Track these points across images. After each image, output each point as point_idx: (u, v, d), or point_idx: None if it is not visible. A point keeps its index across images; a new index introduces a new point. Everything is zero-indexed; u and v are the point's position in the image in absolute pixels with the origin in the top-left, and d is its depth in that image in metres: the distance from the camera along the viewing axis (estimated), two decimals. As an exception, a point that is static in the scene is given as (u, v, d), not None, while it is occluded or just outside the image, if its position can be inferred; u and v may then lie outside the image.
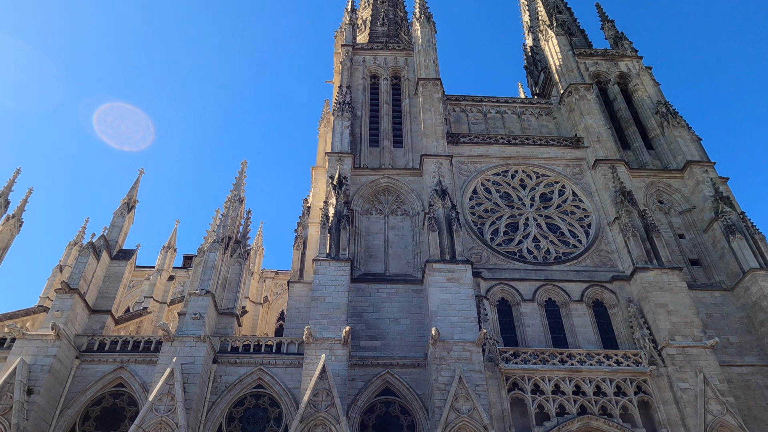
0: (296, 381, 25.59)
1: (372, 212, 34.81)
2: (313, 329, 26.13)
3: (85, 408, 25.12)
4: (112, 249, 31.19)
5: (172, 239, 48.59)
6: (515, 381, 26.12)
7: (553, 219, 35.67)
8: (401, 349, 27.73)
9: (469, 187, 36.73)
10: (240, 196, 33.66)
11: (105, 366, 26.09)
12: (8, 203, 31.89)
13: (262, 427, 25.05)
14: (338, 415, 22.62)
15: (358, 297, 29.48)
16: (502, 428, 24.30)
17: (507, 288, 31.23)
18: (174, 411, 22.50)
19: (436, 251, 29.99)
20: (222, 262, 29.67)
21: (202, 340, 25.56)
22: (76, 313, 27.10)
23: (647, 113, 42.58)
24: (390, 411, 25.94)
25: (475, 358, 25.52)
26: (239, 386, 25.80)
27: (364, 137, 39.25)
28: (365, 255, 32.45)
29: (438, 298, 27.69)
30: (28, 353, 24.43)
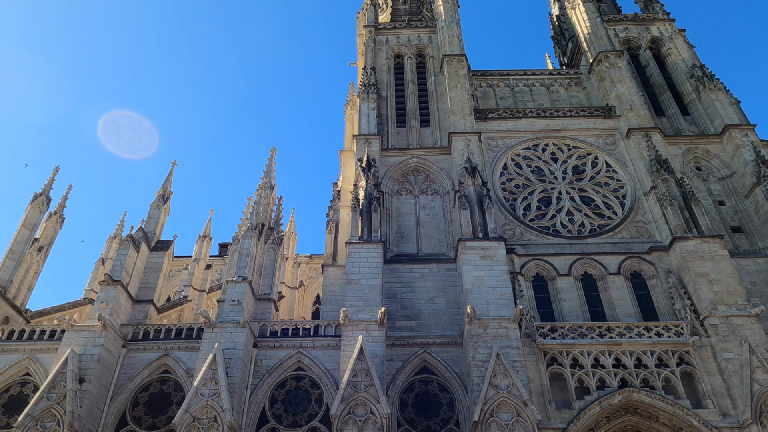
0: (335, 362, 26.00)
1: (402, 193, 34.77)
2: (349, 311, 26.41)
3: (134, 394, 26.07)
4: (151, 240, 32.01)
5: (207, 228, 49.56)
6: (553, 356, 25.98)
7: (587, 191, 35.04)
8: (437, 328, 27.84)
9: (499, 163, 36.30)
10: (271, 183, 34.01)
11: (150, 354, 26.96)
12: (50, 200, 32.92)
13: (304, 408, 25.58)
14: (378, 395, 22.93)
15: (392, 278, 29.63)
16: (541, 403, 24.27)
17: (542, 263, 30.93)
18: (218, 395, 23.15)
19: (468, 229, 29.85)
20: (257, 249, 30.14)
21: (241, 326, 26.14)
22: (120, 304, 28.00)
23: (682, 78, 41.21)
24: (429, 389, 26.16)
25: (512, 335, 25.45)
26: (280, 369, 26.35)
27: (391, 118, 39.06)
28: (397, 236, 32.52)
29: (472, 276, 27.63)
30: (78, 344, 25.39)
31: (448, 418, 25.37)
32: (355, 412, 22.66)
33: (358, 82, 42.22)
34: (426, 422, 25.28)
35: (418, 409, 25.65)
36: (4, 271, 29.28)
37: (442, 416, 25.42)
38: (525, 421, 22.40)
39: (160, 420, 25.33)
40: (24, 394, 25.82)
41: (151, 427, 25.25)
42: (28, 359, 26.56)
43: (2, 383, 26.13)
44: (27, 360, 26.55)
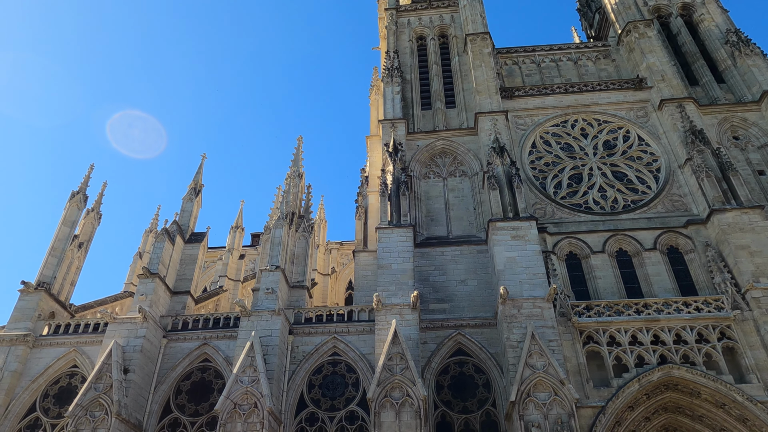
0: (369, 347, 26.25)
1: (430, 176, 34.61)
2: (382, 296, 26.57)
3: (177, 383, 26.83)
4: (185, 233, 32.68)
5: (238, 219, 50.28)
6: (590, 334, 25.71)
7: (619, 166, 34.30)
8: (470, 309, 27.81)
9: (527, 141, 35.79)
10: (299, 171, 34.26)
11: (190, 343, 27.67)
12: (87, 198, 33.79)
13: (342, 392, 25.95)
14: (413, 377, 23.10)
15: (423, 261, 29.65)
16: (579, 382, 24.10)
17: (575, 241, 30.52)
18: (257, 381, 23.66)
19: (498, 210, 29.60)
20: (288, 238, 30.49)
21: (276, 314, 26.57)
22: (158, 296, 28.74)
23: (715, 44, 39.77)
24: (464, 371, 26.23)
25: (547, 314, 25.26)
26: (316, 355, 26.75)
27: (416, 101, 38.78)
28: (427, 219, 32.46)
29: (504, 257, 27.45)
30: (120, 336, 26.20)
31: (485, 398, 25.43)
32: (391, 395, 22.88)
33: (381, 66, 41.97)
34: (463, 403, 25.40)
35: (454, 390, 25.77)
36: (48, 268, 30.29)
37: (478, 397, 25.49)
38: (562, 400, 22.30)
39: (203, 407, 26.05)
40: (73, 385, 26.86)
41: (195, 414, 26.00)
42: (74, 352, 27.56)
43: (52, 375, 27.21)
44: (74, 352, 27.56)
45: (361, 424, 24.86)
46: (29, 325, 28.02)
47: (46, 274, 30.11)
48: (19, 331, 27.67)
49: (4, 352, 26.97)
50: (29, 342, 27.49)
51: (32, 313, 28.46)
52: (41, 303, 28.98)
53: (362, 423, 24.81)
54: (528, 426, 21.85)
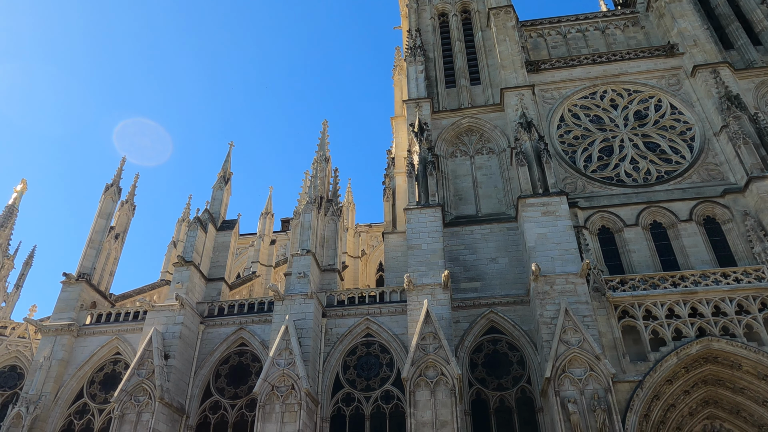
0: (402, 327, 26.43)
1: (457, 155, 34.32)
2: (413, 276, 26.64)
3: (215, 367, 27.51)
4: (217, 221, 33.22)
5: (268, 205, 50.82)
6: (625, 309, 25.36)
7: (651, 137, 33.45)
8: (502, 287, 27.70)
9: (555, 115, 35.13)
10: (325, 155, 34.35)
11: (227, 328, 28.28)
12: (120, 190, 34.55)
13: (376, 372, 26.26)
14: (447, 356, 23.21)
15: (452, 241, 29.57)
16: (615, 357, 23.85)
17: (607, 215, 30.01)
18: (293, 364, 24.10)
19: (527, 186, 29.23)
20: (317, 222, 30.73)
21: (309, 297, 26.92)
22: (194, 283, 29.39)
23: (751, 4, 38.19)
24: (497, 348, 26.22)
25: (580, 290, 25.00)
26: (349, 336, 27.06)
27: (440, 79, 38.33)
28: (455, 198, 32.27)
29: (534, 233, 27.17)
30: (160, 323, 26.94)
31: (519, 375, 25.42)
32: (426, 374, 23.05)
33: (404, 45, 41.57)
34: (497, 381, 25.44)
35: (488, 368, 25.81)
36: (87, 260, 31.21)
37: (513, 374, 25.49)
38: (599, 376, 22.15)
39: (242, 389, 26.69)
40: (117, 372, 27.80)
41: (234, 396, 26.66)
42: (116, 339, 28.48)
43: (96, 363, 28.20)
44: (116, 340, 28.47)
45: (396, 403, 25.15)
46: (73, 315, 29.01)
47: (85, 265, 31.03)
48: (63, 321, 28.68)
49: (50, 342, 28.02)
50: (73, 331, 28.49)
51: (75, 303, 29.43)
52: (83, 293, 29.93)
53: (398, 402, 25.09)
54: (564, 402, 21.79)
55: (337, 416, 25.40)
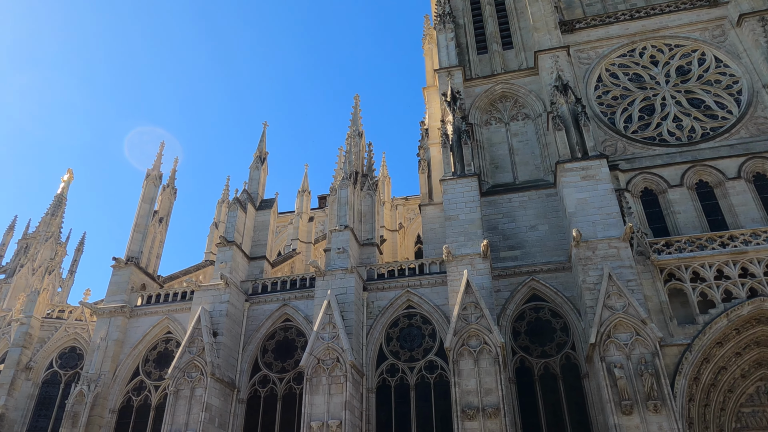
0: (443, 298, 26.52)
1: (491, 122, 33.73)
2: (451, 247, 26.59)
3: (262, 343, 28.28)
4: (255, 200, 33.76)
5: (304, 183, 51.26)
6: (671, 272, 24.76)
7: (695, 92, 32.11)
8: (542, 255, 27.40)
9: (592, 75, 34.03)
10: (358, 130, 34.29)
11: (271, 305, 28.95)
12: (161, 175, 35.39)
13: (419, 343, 26.52)
14: (489, 325, 23.23)
15: (490, 210, 29.30)
16: (662, 321, 23.40)
17: (649, 176, 29.15)
18: (337, 337, 24.57)
19: (565, 150, 28.58)
20: (354, 197, 30.87)
21: (349, 272, 27.24)
22: (237, 263, 30.09)
23: (801, -55, 35.77)
24: (540, 316, 26.08)
25: (623, 254, 24.51)
26: (391, 309, 27.34)
27: (471, 46, 37.50)
28: (491, 167, 31.85)
29: (574, 199, 26.65)
30: (206, 302, 27.76)
31: (563, 342, 25.27)
32: (468, 343, 23.15)
33: (433, 13, 40.77)
34: (541, 348, 25.36)
35: (531, 336, 25.73)
36: (135, 244, 32.27)
37: (556, 341, 25.36)
38: (645, 340, 21.82)
39: (289, 363, 27.40)
40: (169, 350, 28.90)
41: (281, 370, 27.42)
42: (167, 319, 29.54)
43: (150, 342, 29.37)
44: (166, 320, 29.54)
45: (440, 372, 25.41)
46: (124, 297, 30.18)
47: (133, 249, 32.11)
48: (116, 303, 29.88)
49: (105, 324, 29.28)
50: (126, 313, 29.67)
51: (126, 286, 30.58)
52: (132, 276, 31.05)
53: (442, 371, 25.34)
54: (610, 367, 21.59)
55: (382, 387, 25.87)
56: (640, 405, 20.74)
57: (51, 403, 29.98)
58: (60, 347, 31.55)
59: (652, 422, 20.45)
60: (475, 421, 21.57)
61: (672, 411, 20.54)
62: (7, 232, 57.70)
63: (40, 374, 30.65)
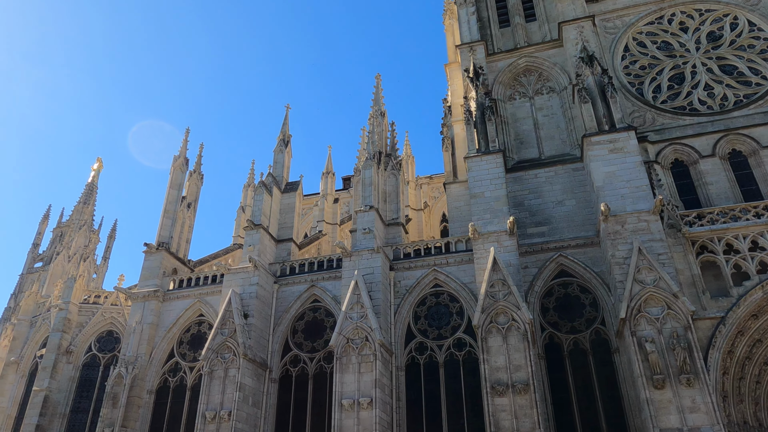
0: (470, 276, 26.50)
1: (515, 97, 33.19)
2: (477, 225, 26.46)
3: (292, 323, 28.73)
4: (280, 183, 34.02)
5: (328, 164, 51.35)
6: (703, 244, 24.24)
7: (727, 59, 31.05)
8: (570, 230, 27.09)
9: (618, 45, 33.13)
10: (381, 110, 34.13)
11: (299, 286, 29.33)
12: (188, 161, 35.87)
13: (447, 321, 26.62)
14: (517, 302, 23.16)
15: (516, 186, 29.00)
16: (694, 294, 23.01)
17: (680, 147, 28.45)
18: (365, 317, 24.81)
19: (592, 123, 28.01)
20: (378, 177, 30.87)
21: (376, 252, 27.37)
22: (265, 245, 30.48)
23: None
24: (569, 292, 25.88)
25: (654, 227, 24.07)
26: (418, 288, 27.43)
27: (493, 19, 36.76)
28: (516, 143, 31.43)
29: (602, 172, 26.18)
30: (236, 284, 28.25)
31: (593, 317, 25.08)
32: (496, 320, 23.15)
33: (453, -13, 39.97)
34: (570, 324, 25.23)
35: (560, 312, 25.59)
36: (164, 229, 32.90)
37: (586, 317, 25.19)
38: (677, 314, 21.51)
39: (318, 343, 27.81)
40: (202, 332, 29.58)
41: (312, 350, 27.86)
42: (198, 302, 30.18)
43: (183, 324, 30.09)
44: (198, 303, 30.18)
45: (469, 350, 25.50)
46: (157, 282, 30.88)
47: (163, 234, 32.75)
48: (149, 288, 30.61)
49: (140, 308, 30.06)
50: (159, 297, 30.39)
51: (158, 270, 31.28)
52: (164, 261, 31.73)
53: (470, 349, 25.44)
54: (641, 342, 21.38)
55: (411, 365, 26.10)
56: (673, 379, 20.54)
57: (92, 385, 31.11)
58: (97, 331, 32.61)
59: (684, 396, 20.26)
60: (504, 398, 21.67)
61: (705, 384, 20.30)
62: (42, 221, 59.37)
63: (80, 357, 31.77)
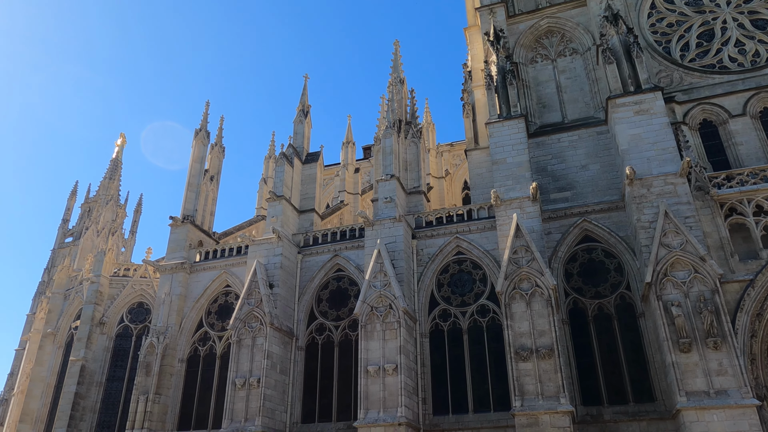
0: (492, 243, 26.44)
1: (537, 60, 32.42)
2: (499, 191, 26.24)
3: (316, 293, 29.12)
4: (301, 154, 34.06)
5: (348, 134, 51.17)
6: (732, 206, 23.73)
7: (760, 12, 29.80)
8: (594, 195, 26.72)
9: (644, 2, 31.96)
10: (400, 77, 33.70)
11: (323, 256, 29.61)
12: (209, 134, 36.05)
13: (470, 288, 26.69)
14: (541, 268, 23.09)
15: (538, 151, 28.59)
16: (722, 257, 22.65)
17: (708, 107, 27.65)
18: (389, 285, 25.01)
19: (617, 85, 27.30)
20: (398, 146, 30.68)
21: (397, 220, 27.41)
22: (287, 216, 30.73)
23: None
24: (593, 257, 25.68)
25: (680, 190, 23.60)
26: (440, 256, 27.48)
27: (513, -20, 35.67)
28: (538, 107, 30.85)
29: (627, 135, 25.62)
30: (261, 255, 28.64)
31: (618, 282, 24.91)
32: (520, 286, 23.14)
33: (471, -52, 38.79)
34: (594, 289, 25.10)
35: (584, 277, 25.45)
36: (189, 202, 33.34)
37: (610, 281, 25.02)
38: (704, 277, 21.25)
39: (343, 312, 28.20)
40: (229, 302, 30.18)
41: (336, 318, 28.27)
42: (225, 273, 30.71)
43: (211, 295, 30.72)
44: (224, 274, 30.72)
45: (492, 316, 25.61)
46: (184, 254, 31.47)
47: (188, 207, 33.22)
48: (176, 260, 31.21)
49: (168, 280, 30.73)
50: (186, 269, 31.00)
51: (184, 243, 31.84)
52: (189, 234, 32.25)
53: (494, 315, 25.54)
54: (667, 306, 21.23)
55: (435, 331, 26.35)
56: (699, 342, 20.42)
57: (125, 355, 32.15)
58: (128, 303, 33.51)
59: (711, 359, 20.16)
60: (528, 362, 21.81)
61: (733, 347, 20.15)
62: (70, 197, 60.58)
63: (113, 328, 32.76)
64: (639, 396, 22.89)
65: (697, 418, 19.49)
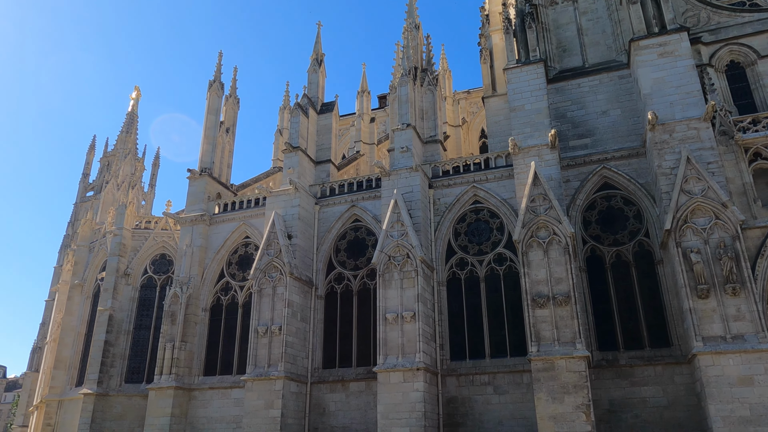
0: (510, 191, 26.30)
1: (557, 1, 31.19)
2: (517, 139, 25.88)
3: (334, 243, 29.45)
4: (316, 105, 33.75)
5: (363, 83, 50.38)
6: (757, 151, 23.10)
7: (795, -55, 28.17)
8: (614, 141, 26.23)
9: (672, -64, 30.33)
10: (415, 23, 32.79)
11: (340, 207, 29.77)
12: (223, 85, 35.76)
13: (487, 237, 26.76)
14: (559, 216, 22.99)
15: (557, 97, 27.95)
16: (744, 203, 22.27)
17: (736, 47, 26.61)
18: (406, 234, 25.16)
19: (640, 26, 26.30)
20: (414, 94, 30.18)
21: (414, 170, 27.29)
22: (303, 168, 30.76)
23: None
24: (612, 204, 25.46)
25: (704, 135, 23.04)
26: (457, 205, 27.46)
27: None
28: (558, 51, 29.93)
29: (650, 79, 24.86)
30: (279, 207, 28.88)
31: (636, 230, 24.76)
32: (537, 234, 23.13)
33: None
34: (613, 236, 25.00)
35: (602, 225, 25.31)
36: (206, 155, 33.47)
37: (629, 229, 24.87)
38: (725, 223, 21.01)
39: (361, 261, 28.55)
40: (248, 253, 30.69)
41: (355, 268, 28.66)
42: (244, 225, 31.11)
43: (230, 246, 31.24)
44: (243, 225, 31.12)
45: (510, 264, 25.75)
46: (203, 207, 31.85)
47: (205, 160, 33.37)
48: (196, 212, 31.63)
49: (189, 232, 31.24)
50: (206, 220, 31.44)
51: (202, 195, 32.17)
52: (207, 186, 32.53)
53: (511, 263, 25.68)
54: (686, 252, 21.12)
55: (452, 280, 26.63)
56: (717, 289, 20.40)
57: (150, 304, 33.12)
58: (151, 255, 34.24)
59: (729, 305, 20.17)
60: (545, 309, 22.04)
61: (752, 293, 20.11)
62: (89, 151, 61.15)
63: (137, 279, 33.64)
64: (655, 341, 23.12)
65: (712, 362, 19.68)
